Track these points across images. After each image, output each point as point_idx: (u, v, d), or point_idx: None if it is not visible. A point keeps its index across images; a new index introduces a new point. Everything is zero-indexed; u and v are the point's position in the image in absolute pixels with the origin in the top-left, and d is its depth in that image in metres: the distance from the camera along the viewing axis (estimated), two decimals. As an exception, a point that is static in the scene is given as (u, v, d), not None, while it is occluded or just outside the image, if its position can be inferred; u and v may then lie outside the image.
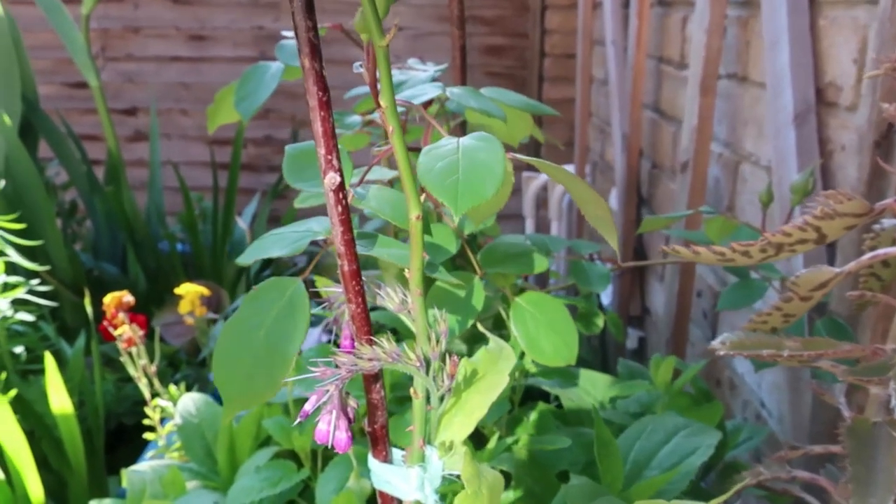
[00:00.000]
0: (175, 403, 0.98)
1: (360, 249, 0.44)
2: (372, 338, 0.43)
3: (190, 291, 1.16)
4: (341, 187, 0.41)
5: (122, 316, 0.93)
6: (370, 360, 0.41)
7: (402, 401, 0.74)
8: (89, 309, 1.24)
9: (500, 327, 0.82)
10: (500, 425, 0.78)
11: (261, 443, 0.89)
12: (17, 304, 1.20)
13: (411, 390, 0.45)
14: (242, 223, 1.76)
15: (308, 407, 0.41)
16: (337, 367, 0.41)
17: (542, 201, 2.28)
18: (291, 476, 0.75)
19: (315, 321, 0.83)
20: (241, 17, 2.81)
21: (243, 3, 2.82)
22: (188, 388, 1.21)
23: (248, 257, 0.47)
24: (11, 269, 1.24)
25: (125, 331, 0.92)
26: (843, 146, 0.78)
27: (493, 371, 0.53)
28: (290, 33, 0.78)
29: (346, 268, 0.42)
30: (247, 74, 0.72)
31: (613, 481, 0.59)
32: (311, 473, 0.77)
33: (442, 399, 0.46)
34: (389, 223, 0.74)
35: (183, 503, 0.79)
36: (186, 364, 1.46)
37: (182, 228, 1.99)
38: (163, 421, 1.04)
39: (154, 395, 0.99)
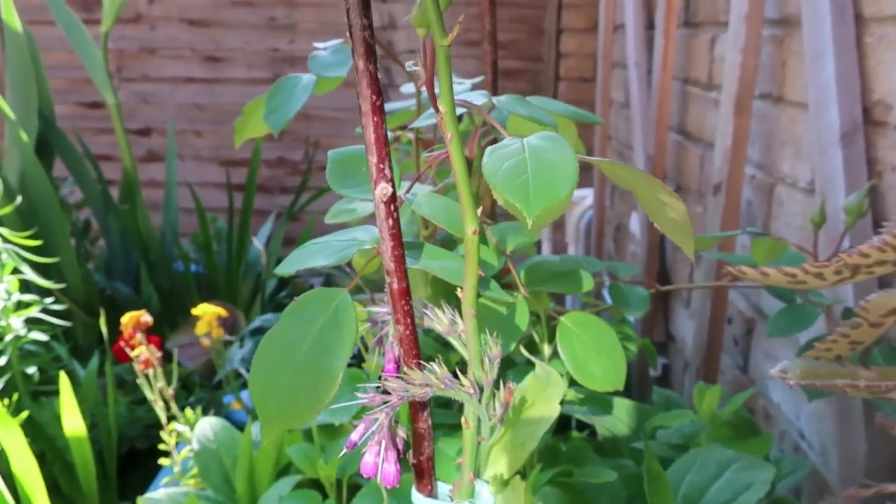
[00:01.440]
0: (191, 427, 0.95)
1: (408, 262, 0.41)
2: (421, 362, 0.40)
3: (207, 312, 1.13)
4: (393, 199, 0.38)
5: (139, 336, 0.90)
6: (422, 386, 0.38)
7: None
8: (104, 329, 1.21)
9: (531, 351, 0.79)
10: (534, 456, 0.74)
11: (281, 470, 0.86)
12: (30, 322, 1.18)
13: (462, 419, 0.41)
14: (258, 243, 1.73)
15: (355, 437, 0.37)
16: (386, 393, 0.38)
17: (557, 224, 2.25)
18: (316, 506, 0.71)
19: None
20: (257, 38, 2.81)
21: (259, 25, 2.82)
22: (204, 412, 1.18)
23: (289, 267, 0.44)
24: (24, 286, 1.21)
25: (142, 352, 0.89)
26: (893, 167, 0.75)
27: (543, 399, 0.50)
28: (318, 48, 0.75)
29: (394, 286, 0.39)
30: (277, 86, 0.70)
31: (664, 518, 0.55)
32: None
33: (493, 430, 0.43)
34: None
35: (201, 533, 0.76)
36: (200, 387, 1.43)
37: (196, 249, 1.97)
38: (178, 446, 1.01)
39: (170, 418, 0.96)
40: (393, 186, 0.38)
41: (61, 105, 2.78)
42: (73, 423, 1.06)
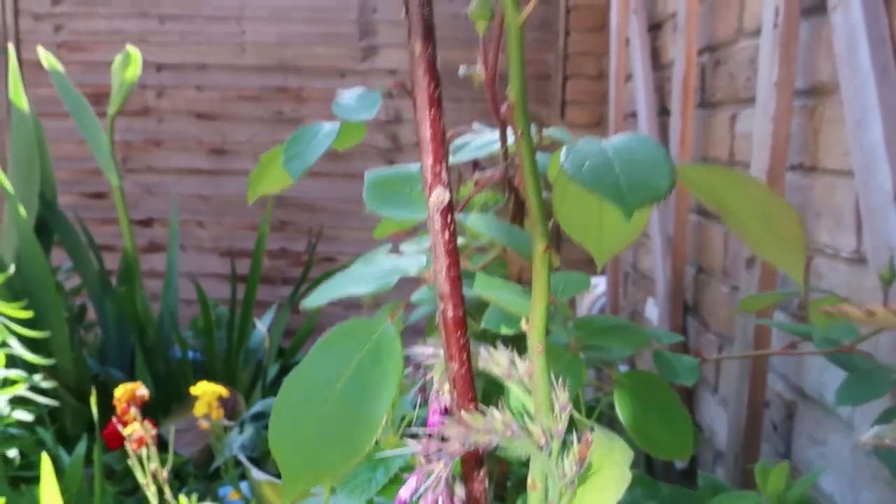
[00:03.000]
0: (186, 517, 0.86)
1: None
2: (480, 405, 0.34)
3: (207, 392, 1.05)
4: (450, 208, 0.32)
5: (133, 411, 0.82)
6: (486, 432, 0.31)
7: None
8: (94, 410, 1.13)
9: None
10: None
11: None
12: (16, 402, 1.10)
13: (529, 481, 0.34)
14: (262, 326, 1.66)
15: (405, 493, 0.30)
16: (443, 440, 0.31)
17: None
18: None
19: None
20: (263, 131, 2.82)
21: (265, 118, 2.83)
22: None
23: (321, 297, 0.39)
24: (11, 362, 1.14)
25: (136, 430, 0.81)
26: (954, 227, 0.70)
27: (610, 463, 0.42)
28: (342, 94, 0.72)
29: (449, 313, 0.33)
30: (297, 134, 0.65)
31: None
32: None
33: (561, 495, 0.36)
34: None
35: None
36: (194, 477, 1.33)
37: (195, 335, 1.89)
38: (168, 540, 0.91)
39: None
40: (451, 193, 0.32)
41: (65, 195, 2.77)
42: (54, 514, 0.97)
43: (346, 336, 0.35)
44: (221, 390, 1.06)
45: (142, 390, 0.85)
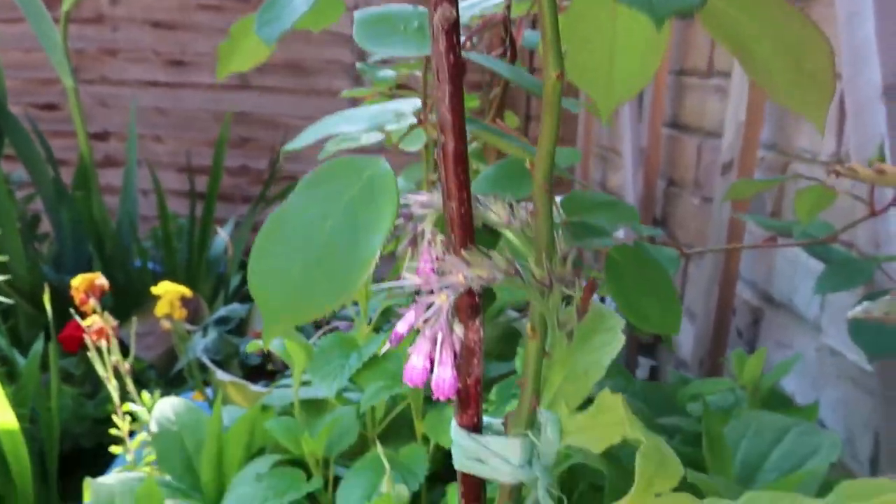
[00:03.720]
0: (149, 410, 0.84)
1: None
2: (480, 248, 0.32)
3: (169, 291, 1.02)
4: (456, 26, 0.30)
5: (93, 302, 0.79)
6: (488, 268, 0.29)
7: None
8: (48, 309, 1.09)
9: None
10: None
11: (253, 455, 0.76)
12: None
13: (527, 328, 0.33)
14: (223, 233, 1.62)
15: (402, 328, 0.28)
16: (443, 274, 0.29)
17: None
18: (300, 485, 0.61)
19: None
20: (225, 42, 2.71)
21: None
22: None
23: (307, 138, 0.36)
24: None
25: (95, 321, 0.78)
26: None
27: (603, 329, 0.41)
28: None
29: (450, 147, 0.31)
30: (271, 1, 0.61)
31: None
32: (323, 484, 0.63)
33: (555, 346, 0.34)
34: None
35: (161, 521, 0.65)
36: (156, 383, 1.31)
37: (155, 244, 1.84)
38: (131, 435, 0.89)
39: (124, 400, 0.84)
40: (457, 10, 0.30)
41: (14, 106, 2.64)
42: (2, 415, 0.94)
43: (334, 174, 0.32)
44: (184, 290, 1.03)
45: (101, 280, 0.81)
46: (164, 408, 0.80)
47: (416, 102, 0.36)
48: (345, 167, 0.32)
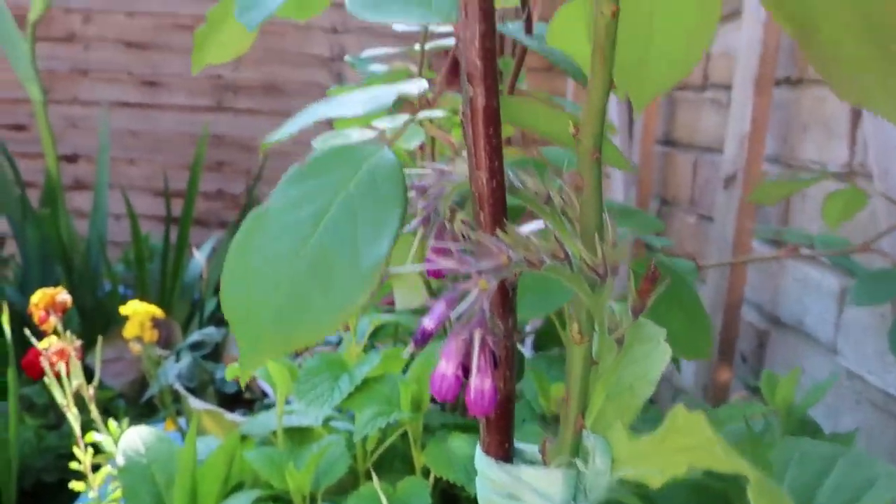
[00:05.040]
0: (115, 441, 0.76)
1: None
2: (514, 226, 0.26)
3: (138, 311, 0.95)
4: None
5: (53, 320, 0.72)
6: (535, 250, 0.23)
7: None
8: (7, 329, 1.01)
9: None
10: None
11: (231, 490, 0.68)
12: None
13: (571, 330, 0.27)
14: (199, 255, 1.55)
15: (429, 323, 0.22)
16: (477, 258, 0.23)
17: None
18: (283, 524, 0.54)
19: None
20: (199, 63, 2.65)
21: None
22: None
23: (296, 125, 0.30)
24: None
25: (54, 341, 0.71)
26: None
27: (641, 338, 0.35)
28: None
29: (479, 102, 0.25)
30: (255, -20, 0.56)
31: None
32: (308, 522, 0.56)
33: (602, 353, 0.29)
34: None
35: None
36: (124, 412, 1.23)
37: (126, 267, 1.76)
38: (95, 469, 0.81)
39: (87, 430, 0.77)
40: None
41: (-21, 128, 2.56)
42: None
43: (327, 166, 0.26)
44: (155, 310, 0.96)
45: (63, 295, 0.74)
46: (131, 438, 0.73)
47: (423, 83, 0.30)
48: (340, 156, 0.26)
